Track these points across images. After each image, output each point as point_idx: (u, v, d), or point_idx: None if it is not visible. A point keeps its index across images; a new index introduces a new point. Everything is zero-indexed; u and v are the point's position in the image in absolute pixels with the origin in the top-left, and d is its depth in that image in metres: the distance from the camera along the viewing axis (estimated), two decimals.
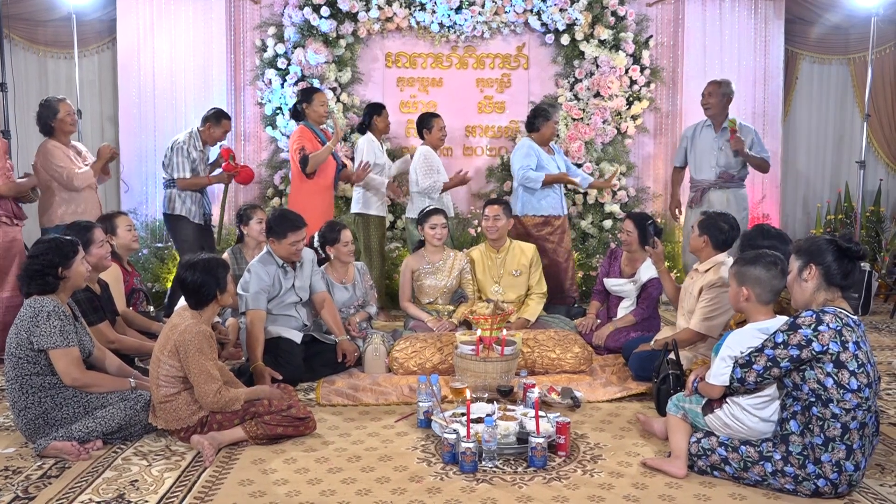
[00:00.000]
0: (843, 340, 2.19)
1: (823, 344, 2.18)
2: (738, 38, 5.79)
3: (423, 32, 5.68)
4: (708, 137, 4.78)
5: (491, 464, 2.48)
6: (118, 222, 3.69)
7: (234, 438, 2.67)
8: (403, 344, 3.63)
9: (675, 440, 2.49)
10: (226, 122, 4.70)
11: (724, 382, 2.34)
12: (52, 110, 4.10)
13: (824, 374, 2.19)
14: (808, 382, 2.22)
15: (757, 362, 2.26)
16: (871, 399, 2.24)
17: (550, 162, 4.69)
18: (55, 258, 2.66)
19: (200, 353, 2.63)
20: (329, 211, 4.67)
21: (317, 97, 4.60)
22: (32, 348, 2.61)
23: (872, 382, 2.24)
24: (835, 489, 2.23)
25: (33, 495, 2.30)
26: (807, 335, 2.20)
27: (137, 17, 5.51)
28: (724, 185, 4.72)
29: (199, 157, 4.62)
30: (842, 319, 2.22)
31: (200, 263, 2.73)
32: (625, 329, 3.92)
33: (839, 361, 2.19)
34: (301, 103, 4.63)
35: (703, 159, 4.78)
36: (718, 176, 4.72)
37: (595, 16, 5.56)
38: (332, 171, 4.64)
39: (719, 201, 4.70)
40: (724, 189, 4.72)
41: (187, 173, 4.54)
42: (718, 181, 4.72)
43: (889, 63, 5.98)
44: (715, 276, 3.21)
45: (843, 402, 2.18)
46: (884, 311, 5.20)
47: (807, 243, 2.38)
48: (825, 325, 2.20)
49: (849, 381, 2.18)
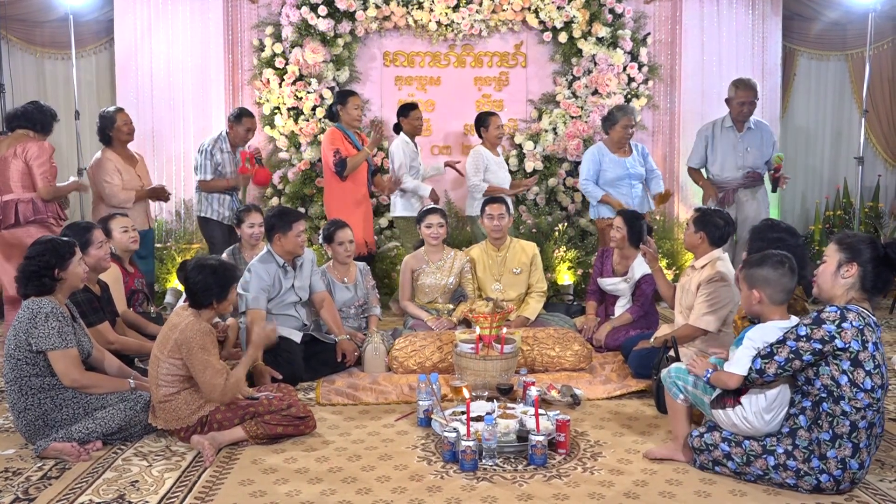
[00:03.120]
0: (863, 340, 2.18)
1: (846, 341, 2.17)
2: (736, 34, 5.79)
3: (421, 31, 5.67)
4: (731, 138, 4.73)
5: (491, 462, 2.48)
6: (113, 224, 3.69)
7: (234, 438, 2.67)
8: (403, 343, 3.63)
9: (676, 425, 2.50)
10: (247, 119, 4.73)
11: (743, 372, 2.29)
12: (109, 120, 4.34)
13: (840, 371, 2.18)
14: (821, 378, 2.21)
15: (779, 353, 2.23)
16: (882, 400, 2.24)
17: (618, 165, 4.66)
18: (51, 259, 2.66)
19: (203, 350, 2.63)
20: (367, 212, 4.75)
21: (351, 100, 4.66)
22: (31, 350, 2.61)
23: (885, 384, 2.23)
24: (837, 485, 2.23)
25: (34, 496, 2.30)
26: (830, 331, 2.18)
27: (135, 17, 5.50)
28: (752, 185, 4.71)
29: (224, 158, 4.66)
30: (864, 319, 2.21)
31: (212, 268, 2.71)
32: (623, 327, 3.92)
33: (857, 360, 2.17)
34: (336, 105, 4.70)
35: (728, 160, 4.72)
36: (746, 176, 4.70)
37: (593, 13, 5.56)
38: (364, 173, 4.70)
39: (747, 201, 4.69)
40: (751, 188, 4.71)
41: (208, 175, 4.61)
42: (746, 181, 4.70)
43: (887, 59, 5.98)
44: (712, 272, 3.22)
45: (855, 400, 2.17)
46: (883, 307, 5.20)
47: (852, 238, 2.32)
48: (849, 322, 2.18)
49: (864, 380, 2.17)
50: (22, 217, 3.98)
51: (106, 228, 3.60)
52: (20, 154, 3.98)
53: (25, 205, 3.98)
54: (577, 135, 5.60)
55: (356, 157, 4.52)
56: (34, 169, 3.98)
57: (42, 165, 3.98)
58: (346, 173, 4.49)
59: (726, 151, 4.72)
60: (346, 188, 4.57)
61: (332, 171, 4.53)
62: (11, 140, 4.03)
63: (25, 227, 3.98)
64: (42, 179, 3.98)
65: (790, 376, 2.30)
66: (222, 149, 4.66)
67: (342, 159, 4.47)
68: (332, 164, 4.49)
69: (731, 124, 4.74)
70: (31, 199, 4.00)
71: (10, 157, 3.98)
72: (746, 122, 4.72)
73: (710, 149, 4.79)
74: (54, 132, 4.25)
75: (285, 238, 3.55)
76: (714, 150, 4.77)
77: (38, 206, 4.01)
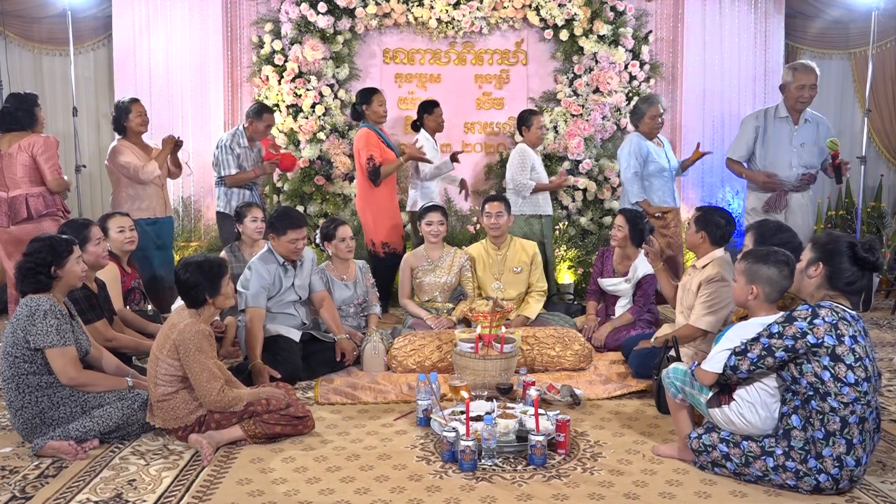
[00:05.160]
0: (838, 334, 2.20)
1: (818, 337, 2.19)
2: (738, 32, 5.77)
3: (421, 28, 5.65)
4: (784, 131, 4.16)
5: (490, 462, 2.47)
6: (110, 224, 3.67)
7: (232, 437, 2.65)
8: (402, 342, 3.61)
9: (677, 424, 2.53)
10: (267, 115, 4.77)
11: (718, 370, 2.34)
12: (125, 110, 4.39)
13: (821, 367, 2.20)
14: (805, 376, 2.23)
15: (752, 350, 2.27)
16: (871, 394, 2.24)
17: (659, 157, 4.51)
18: (48, 256, 2.64)
19: (200, 352, 2.61)
20: (396, 213, 4.78)
21: (376, 98, 4.69)
22: (29, 347, 2.60)
23: (872, 377, 2.24)
24: (836, 484, 2.23)
25: (30, 495, 2.29)
26: (802, 327, 2.21)
27: (133, 13, 5.48)
28: (804, 188, 4.19)
29: (243, 153, 4.70)
30: (838, 313, 2.23)
31: (196, 264, 2.71)
32: (624, 328, 3.90)
33: (835, 355, 2.19)
34: (361, 104, 4.71)
35: (780, 157, 4.16)
36: (800, 177, 4.17)
37: (594, 11, 5.54)
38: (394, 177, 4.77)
39: (799, 205, 4.18)
40: (803, 191, 4.18)
41: (233, 169, 4.65)
42: (801, 183, 4.17)
43: (890, 58, 5.95)
44: (713, 272, 3.20)
45: (841, 395, 2.18)
46: (885, 308, 5.19)
47: (826, 239, 2.36)
48: (820, 318, 2.21)
49: (846, 374, 2.18)
50: (34, 211, 4.00)
51: (103, 227, 3.59)
52: (26, 148, 3.99)
53: (36, 199, 4.01)
54: (577, 133, 5.58)
55: (389, 167, 4.59)
56: (42, 162, 4.00)
57: (50, 159, 4.02)
58: (379, 181, 4.56)
59: (779, 146, 4.13)
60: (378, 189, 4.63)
61: (364, 174, 4.59)
62: (12, 137, 4.04)
63: (38, 221, 4.00)
64: (51, 171, 4.02)
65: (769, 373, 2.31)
66: (240, 143, 4.70)
67: (376, 167, 4.52)
68: (366, 170, 4.54)
69: (787, 114, 4.16)
70: (41, 193, 4.03)
71: (14, 153, 3.99)
72: (804, 112, 4.15)
73: (760, 142, 4.19)
74: (51, 127, 4.26)
75: (278, 241, 3.54)
76: (765, 143, 4.16)
77: (48, 200, 4.05)
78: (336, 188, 5.52)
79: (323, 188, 5.50)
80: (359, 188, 4.77)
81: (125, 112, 4.40)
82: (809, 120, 4.24)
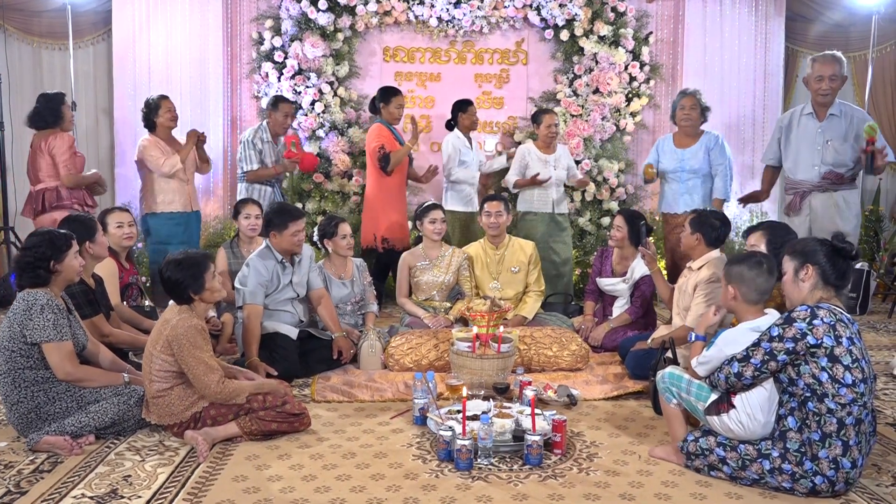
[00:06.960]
0: (836, 335, 2.21)
1: (818, 338, 2.20)
2: (739, 35, 5.77)
3: (422, 27, 5.65)
4: (809, 128, 3.87)
5: (486, 461, 2.47)
6: (109, 219, 3.67)
7: (228, 434, 2.65)
8: (399, 340, 3.61)
9: (671, 428, 2.54)
10: (283, 105, 4.79)
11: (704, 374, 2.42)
12: (154, 107, 4.51)
13: (819, 368, 2.20)
14: (803, 377, 2.23)
15: (754, 356, 2.28)
16: (867, 395, 2.25)
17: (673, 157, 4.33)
18: (47, 251, 2.64)
19: (194, 347, 2.61)
20: (403, 207, 4.81)
21: (395, 100, 4.73)
22: (25, 342, 2.59)
23: (868, 378, 2.25)
24: (832, 487, 2.23)
25: (25, 490, 2.28)
26: (801, 328, 2.21)
27: (133, 8, 5.46)
28: (831, 188, 3.83)
29: (266, 148, 4.71)
30: (836, 315, 2.24)
31: (177, 262, 2.69)
32: (621, 328, 3.91)
33: (833, 356, 2.20)
34: (380, 102, 4.74)
35: (802, 155, 3.88)
36: (823, 176, 3.83)
37: (595, 11, 5.54)
38: (405, 167, 4.80)
39: (824, 207, 3.85)
40: (830, 192, 3.84)
41: (254, 165, 4.68)
42: (823, 183, 3.84)
43: (890, 61, 5.95)
44: (709, 273, 3.21)
45: (839, 396, 2.19)
46: (882, 311, 5.20)
47: (800, 244, 2.42)
48: (819, 319, 2.22)
49: (843, 375, 2.19)
50: (48, 204, 4.30)
51: (102, 222, 3.58)
52: (45, 148, 4.31)
53: (51, 192, 4.31)
54: (577, 133, 5.58)
55: (399, 152, 4.63)
56: (57, 159, 4.29)
57: (63, 155, 4.28)
58: (390, 168, 4.60)
59: (801, 144, 3.87)
60: (389, 182, 4.68)
61: (375, 166, 4.62)
62: (42, 135, 4.35)
63: (51, 213, 4.24)
64: (63, 168, 4.28)
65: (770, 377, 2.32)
66: (263, 138, 4.71)
67: (386, 154, 4.57)
68: (376, 159, 4.58)
69: (812, 111, 3.88)
70: (56, 188, 4.31)
71: (38, 151, 4.33)
72: (829, 106, 3.84)
73: (785, 141, 3.97)
74: None
75: (280, 237, 3.53)
76: (788, 142, 3.93)
77: (61, 194, 4.31)
78: (334, 186, 5.51)
79: (321, 185, 5.50)
80: (369, 179, 4.78)
81: (155, 108, 4.51)
82: (837, 114, 3.86)
